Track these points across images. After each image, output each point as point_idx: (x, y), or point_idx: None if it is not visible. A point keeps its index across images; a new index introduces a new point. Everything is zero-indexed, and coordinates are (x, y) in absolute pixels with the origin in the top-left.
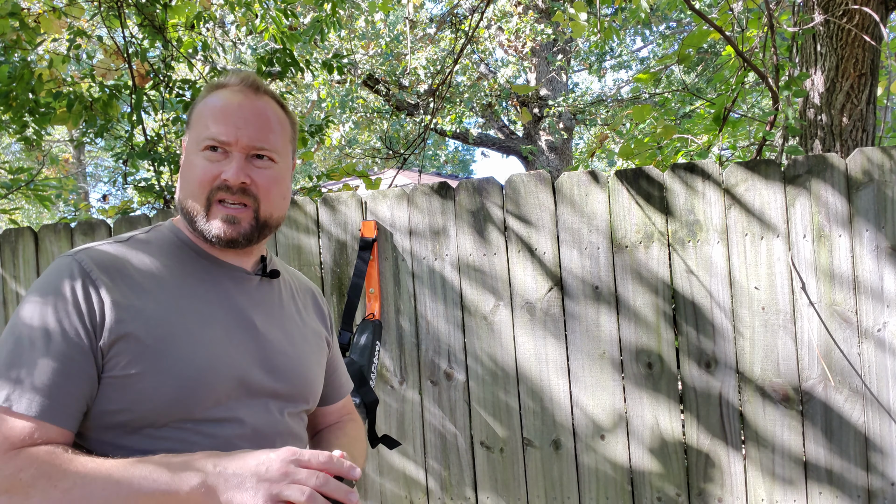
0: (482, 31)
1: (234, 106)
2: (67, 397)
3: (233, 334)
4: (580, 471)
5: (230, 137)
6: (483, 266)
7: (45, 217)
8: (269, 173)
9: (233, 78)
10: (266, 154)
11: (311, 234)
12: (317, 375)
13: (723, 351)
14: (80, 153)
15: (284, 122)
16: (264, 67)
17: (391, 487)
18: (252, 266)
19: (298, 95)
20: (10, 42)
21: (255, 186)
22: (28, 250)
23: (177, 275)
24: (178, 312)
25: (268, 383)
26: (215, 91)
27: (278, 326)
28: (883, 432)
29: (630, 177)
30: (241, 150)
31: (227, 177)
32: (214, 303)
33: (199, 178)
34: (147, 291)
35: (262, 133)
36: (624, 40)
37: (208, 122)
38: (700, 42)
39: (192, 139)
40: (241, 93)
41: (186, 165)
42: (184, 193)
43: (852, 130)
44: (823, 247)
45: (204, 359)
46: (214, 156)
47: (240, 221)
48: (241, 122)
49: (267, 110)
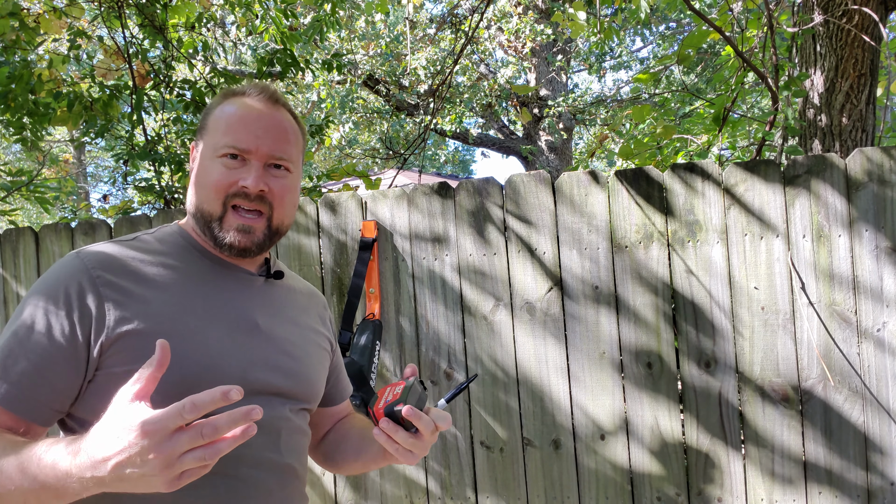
0: (482, 31)
1: (253, 115)
2: (34, 389)
3: (236, 334)
4: (580, 471)
5: (250, 146)
6: (483, 266)
7: (45, 217)
8: (284, 182)
9: (252, 88)
10: (283, 164)
11: (311, 234)
12: (319, 376)
13: (722, 351)
14: (80, 153)
15: (298, 135)
16: (264, 68)
17: (391, 487)
18: (256, 268)
19: (298, 95)
20: (9, 42)
21: (271, 194)
22: (29, 250)
23: (181, 274)
24: (181, 310)
25: (271, 381)
26: (233, 98)
27: (281, 327)
28: (882, 432)
29: (630, 177)
30: (259, 159)
31: (247, 184)
32: (218, 302)
33: (215, 184)
34: (151, 289)
35: (280, 143)
36: (623, 41)
37: (227, 130)
38: (700, 42)
39: (208, 145)
40: (261, 103)
41: (202, 171)
42: (199, 198)
43: (852, 130)
44: (823, 247)
45: (207, 357)
46: (233, 163)
47: (254, 231)
48: (260, 132)
49: (284, 122)
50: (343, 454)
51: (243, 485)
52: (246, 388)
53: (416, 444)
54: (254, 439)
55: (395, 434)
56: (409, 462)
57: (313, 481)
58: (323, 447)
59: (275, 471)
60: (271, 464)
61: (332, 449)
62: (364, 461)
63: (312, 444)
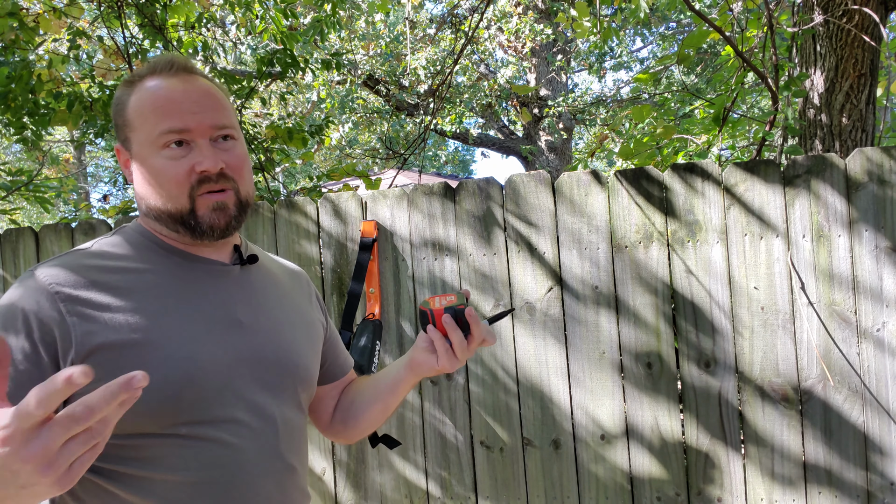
0: (482, 31)
1: (178, 92)
2: None
3: (217, 332)
4: (580, 471)
5: (189, 124)
6: (483, 266)
7: (45, 217)
8: (237, 152)
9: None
10: (228, 133)
11: (311, 234)
12: (310, 360)
13: (722, 351)
14: (80, 153)
15: (226, 98)
16: (264, 68)
17: (391, 487)
18: (228, 257)
19: (298, 95)
20: (9, 42)
21: (230, 169)
22: (29, 250)
23: (150, 276)
24: (153, 316)
25: (260, 378)
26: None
27: (263, 316)
28: (882, 432)
29: (630, 177)
30: (204, 136)
31: (205, 166)
32: (193, 301)
33: (173, 178)
34: (118, 298)
35: (218, 112)
36: (623, 41)
37: (157, 116)
38: (699, 42)
39: (140, 141)
40: (177, 77)
41: (149, 171)
42: (159, 200)
43: (852, 130)
44: (823, 247)
45: (188, 361)
46: (179, 151)
47: (227, 206)
48: (194, 107)
49: (210, 89)
50: (360, 407)
51: (243, 489)
52: (234, 389)
53: (464, 349)
54: (250, 442)
55: (454, 332)
56: (452, 368)
57: (313, 481)
58: (337, 417)
59: (274, 472)
60: (270, 465)
61: (347, 410)
62: (385, 401)
63: (325, 422)
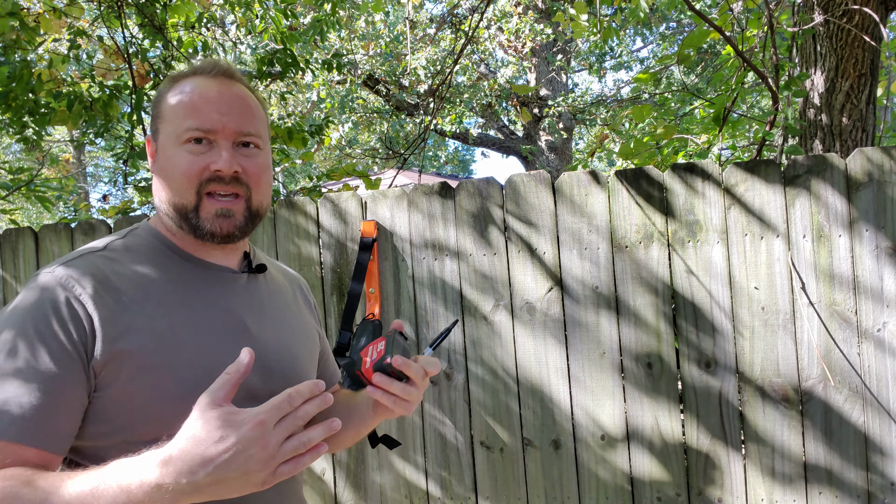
0: (482, 31)
1: (213, 93)
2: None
3: (226, 341)
4: (580, 471)
5: (215, 125)
6: (483, 266)
7: (45, 217)
8: (258, 161)
9: (202, 66)
10: (252, 140)
11: (311, 234)
12: (310, 370)
13: (723, 351)
14: (80, 153)
15: (261, 109)
16: (264, 68)
17: (391, 487)
18: (237, 263)
19: (298, 95)
20: (9, 42)
21: (246, 175)
22: (28, 250)
23: (163, 283)
24: (168, 324)
25: (265, 386)
26: (184, 80)
27: (269, 325)
28: (883, 432)
29: (630, 177)
30: (227, 138)
31: (220, 166)
32: (204, 309)
33: (185, 172)
34: (135, 304)
35: (246, 119)
36: (624, 41)
37: (186, 113)
38: (700, 42)
39: (167, 133)
40: (216, 80)
41: (166, 162)
42: (169, 192)
43: (852, 130)
44: (823, 247)
45: (201, 370)
46: (199, 147)
47: (234, 214)
48: (224, 109)
49: (246, 96)
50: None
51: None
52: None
53: (411, 392)
54: None
55: (391, 386)
56: (407, 411)
57: (313, 481)
58: None
59: None
60: None
61: None
62: (356, 429)
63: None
